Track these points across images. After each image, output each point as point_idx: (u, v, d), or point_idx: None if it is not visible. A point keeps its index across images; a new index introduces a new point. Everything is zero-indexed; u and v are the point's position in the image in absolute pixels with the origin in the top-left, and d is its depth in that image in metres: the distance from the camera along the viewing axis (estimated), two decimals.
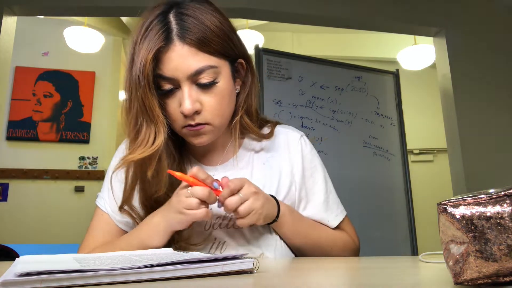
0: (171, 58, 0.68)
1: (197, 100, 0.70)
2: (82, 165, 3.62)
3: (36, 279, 0.39)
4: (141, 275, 0.43)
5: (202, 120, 0.71)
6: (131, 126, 0.71)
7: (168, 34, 0.68)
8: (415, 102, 4.03)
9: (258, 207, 0.69)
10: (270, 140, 0.85)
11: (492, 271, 0.33)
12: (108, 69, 3.81)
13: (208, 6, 0.72)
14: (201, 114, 0.71)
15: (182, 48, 0.68)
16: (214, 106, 0.72)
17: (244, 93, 0.80)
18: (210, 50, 0.70)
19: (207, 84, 0.70)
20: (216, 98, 0.72)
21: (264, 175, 0.82)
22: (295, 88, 2.51)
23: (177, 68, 0.68)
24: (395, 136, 2.76)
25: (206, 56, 0.69)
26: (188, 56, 0.68)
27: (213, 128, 0.74)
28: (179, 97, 0.70)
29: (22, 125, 3.56)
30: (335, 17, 2.49)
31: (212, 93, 0.71)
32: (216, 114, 0.73)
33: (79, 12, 2.54)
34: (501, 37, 2.52)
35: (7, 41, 2.30)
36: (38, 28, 3.72)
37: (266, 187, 0.80)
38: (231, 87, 0.75)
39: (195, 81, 0.70)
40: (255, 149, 0.84)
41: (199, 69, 0.69)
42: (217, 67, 0.71)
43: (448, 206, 0.36)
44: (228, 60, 0.74)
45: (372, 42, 4.06)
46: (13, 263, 0.52)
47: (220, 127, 0.75)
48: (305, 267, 0.59)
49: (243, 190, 0.68)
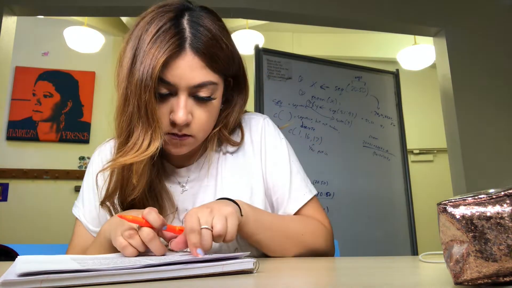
0: (179, 65, 0.67)
1: (190, 111, 0.71)
2: (82, 165, 3.62)
3: (36, 279, 0.39)
4: (141, 275, 0.43)
5: (189, 132, 0.72)
6: (124, 126, 0.69)
7: (181, 42, 0.67)
8: (415, 102, 4.03)
9: (218, 214, 0.60)
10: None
11: (492, 271, 0.33)
12: (108, 69, 3.81)
13: (216, 19, 0.73)
14: (189, 127, 0.71)
15: (192, 58, 0.68)
16: (203, 121, 0.72)
17: (227, 110, 0.81)
18: (216, 66, 0.71)
19: (204, 99, 0.71)
20: (208, 114, 0.73)
21: (232, 168, 0.82)
22: (295, 88, 2.51)
23: (181, 77, 0.68)
24: (395, 136, 2.76)
25: (210, 72, 0.70)
26: (196, 68, 0.68)
27: (195, 141, 0.74)
28: (172, 103, 0.70)
29: (22, 125, 3.56)
30: (335, 17, 2.49)
31: (206, 107, 0.72)
32: (202, 129, 0.74)
33: (79, 12, 2.54)
34: (501, 37, 2.52)
35: (7, 41, 2.30)
36: (38, 28, 3.72)
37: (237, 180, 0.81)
38: (219, 105, 0.76)
39: (193, 93, 0.70)
40: (223, 150, 0.85)
41: (202, 83, 0.69)
42: (216, 84, 0.72)
43: (448, 206, 0.36)
44: (223, 78, 0.75)
45: (372, 42, 4.06)
46: (13, 263, 0.52)
47: (201, 140, 0.77)
48: (305, 267, 0.59)
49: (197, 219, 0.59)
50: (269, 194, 0.83)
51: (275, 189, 0.82)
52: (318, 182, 2.44)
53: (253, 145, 0.85)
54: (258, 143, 0.85)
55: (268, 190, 0.83)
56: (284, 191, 0.82)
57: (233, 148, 0.84)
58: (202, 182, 0.82)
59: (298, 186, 0.83)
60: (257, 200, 0.80)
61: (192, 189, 0.82)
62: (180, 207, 0.80)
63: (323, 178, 2.46)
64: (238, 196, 0.76)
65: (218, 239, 0.58)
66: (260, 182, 0.82)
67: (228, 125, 0.82)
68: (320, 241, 0.79)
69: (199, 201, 0.80)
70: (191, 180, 0.82)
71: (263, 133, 0.86)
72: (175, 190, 0.82)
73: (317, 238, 0.79)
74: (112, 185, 0.73)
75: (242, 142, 0.84)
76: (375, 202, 2.56)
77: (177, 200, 0.80)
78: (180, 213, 0.80)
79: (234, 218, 0.60)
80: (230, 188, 0.81)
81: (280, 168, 0.83)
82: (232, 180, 0.81)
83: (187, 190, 0.81)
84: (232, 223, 0.59)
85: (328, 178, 2.47)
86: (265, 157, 0.84)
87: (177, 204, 0.80)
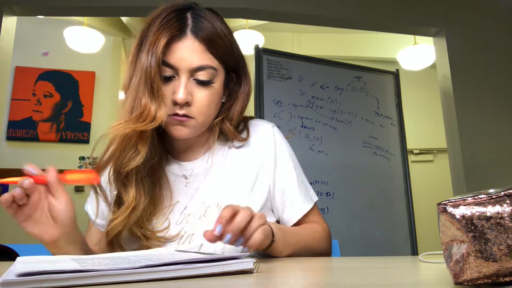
0: (180, 48, 0.73)
1: (191, 93, 0.75)
2: (82, 165, 3.62)
3: (36, 279, 0.39)
4: (141, 275, 0.43)
5: (189, 113, 0.75)
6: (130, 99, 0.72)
7: (183, 27, 0.74)
8: (415, 102, 4.03)
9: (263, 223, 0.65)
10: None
11: (492, 271, 0.33)
12: (108, 69, 3.81)
13: (219, 18, 0.80)
14: (190, 107, 0.75)
15: (193, 42, 0.74)
16: (202, 103, 0.76)
17: (229, 103, 0.85)
18: (215, 52, 0.76)
19: (204, 82, 0.75)
20: (208, 97, 0.77)
21: (236, 165, 0.85)
22: (295, 88, 2.51)
23: (182, 59, 0.73)
24: (395, 136, 2.76)
25: (210, 57, 0.75)
26: (196, 51, 0.74)
27: (196, 124, 0.77)
28: (174, 85, 0.75)
29: (22, 125, 3.56)
30: (335, 17, 2.49)
31: (206, 91, 0.76)
32: (203, 112, 0.77)
33: (79, 12, 2.54)
34: (501, 37, 2.52)
35: (7, 41, 2.30)
36: (38, 28, 3.72)
37: (239, 177, 0.83)
38: (220, 93, 0.80)
39: (193, 76, 0.75)
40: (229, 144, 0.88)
41: (201, 65, 0.74)
42: (216, 70, 0.76)
43: (448, 206, 0.36)
44: (224, 68, 0.80)
45: (372, 42, 4.06)
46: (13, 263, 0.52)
47: (202, 124, 0.79)
48: (305, 267, 0.60)
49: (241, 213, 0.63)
50: (273, 196, 0.86)
51: (281, 193, 0.86)
52: (318, 182, 2.44)
53: (261, 148, 0.87)
54: (267, 147, 0.87)
55: (273, 193, 0.86)
56: (289, 197, 0.86)
57: (239, 143, 0.87)
58: (206, 175, 0.84)
59: (303, 195, 0.87)
60: (255, 197, 0.83)
61: (196, 182, 0.83)
62: (182, 199, 0.81)
63: (323, 178, 2.46)
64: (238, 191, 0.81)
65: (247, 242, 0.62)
66: (262, 182, 0.84)
67: (231, 118, 0.84)
68: (324, 245, 0.86)
69: (202, 194, 0.82)
70: (196, 173, 0.84)
71: (273, 139, 0.88)
72: (179, 182, 0.83)
73: (322, 243, 0.86)
74: (109, 152, 0.73)
75: (248, 138, 0.87)
76: (375, 202, 2.56)
77: (179, 192, 0.82)
78: (180, 206, 0.81)
79: (264, 237, 0.64)
80: (232, 182, 0.83)
81: (287, 175, 0.87)
82: (235, 175, 0.84)
83: (190, 182, 0.83)
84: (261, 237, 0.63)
85: (328, 178, 2.47)
86: (274, 162, 0.86)
87: (179, 196, 0.82)
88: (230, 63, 0.80)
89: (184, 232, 0.78)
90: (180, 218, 0.80)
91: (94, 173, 0.71)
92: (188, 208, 0.80)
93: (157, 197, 0.79)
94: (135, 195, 0.75)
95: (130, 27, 3.84)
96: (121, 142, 0.71)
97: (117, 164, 0.74)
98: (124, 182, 0.75)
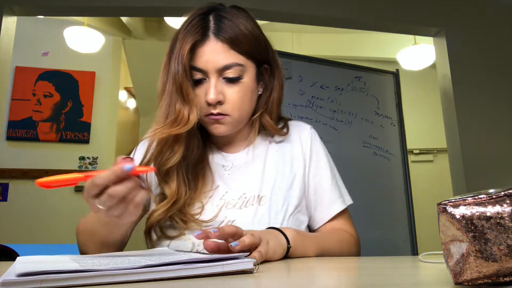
0: (204, 51, 0.77)
1: (221, 92, 0.79)
2: (82, 165, 3.62)
3: (36, 279, 0.39)
4: (141, 275, 0.43)
5: (223, 111, 0.79)
6: (165, 105, 0.77)
7: (205, 31, 0.78)
8: (415, 102, 4.03)
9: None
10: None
11: (492, 271, 0.33)
12: (108, 69, 3.81)
13: (243, 13, 0.83)
14: (223, 105, 0.79)
15: (215, 44, 0.77)
16: (235, 100, 0.80)
17: (265, 96, 0.88)
18: (240, 49, 0.78)
19: (232, 79, 0.79)
20: (239, 93, 0.80)
21: (277, 159, 0.89)
22: (295, 88, 2.51)
23: (208, 61, 0.77)
24: (395, 136, 2.76)
25: (235, 54, 0.78)
26: (220, 52, 0.77)
27: (232, 120, 0.81)
28: (206, 87, 0.79)
29: (22, 125, 3.56)
30: (335, 17, 2.49)
31: (236, 87, 0.79)
32: (237, 107, 0.80)
33: (79, 12, 2.54)
34: (501, 37, 2.52)
35: (7, 41, 2.30)
36: (38, 28, 3.72)
37: (280, 171, 0.87)
38: (253, 87, 0.83)
39: (222, 75, 0.78)
40: (270, 140, 0.92)
41: (227, 64, 0.78)
42: (243, 66, 0.79)
43: (448, 206, 0.36)
44: (254, 62, 0.82)
45: (372, 42, 4.06)
46: (13, 263, 0.52)
47: (239, 120, 0.83)
48: (305, 267, 0.59)
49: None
50: (308, 194, 0.89)
51: (314, 191, 0.89)
52: None
53: (300, 145, 0.91)
54: (305, 146, 0.91)
55: (308, 191, 0.89)
56: (322, 196, 0.89)
57: (279, 138, 0.91)
58: (247, 168, 0.88)
59: (337, 195, 0.90)
60: (293, 194, 0.85)
61: (237, 173, 0.87)
62: (223, 186, 0.85)
63: None
64: (278, 185, 0.85)
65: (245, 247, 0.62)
66: (300, 180, 0.87)
67: (270, 111, 0.88)
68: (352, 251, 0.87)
69: (242, 185, 0.85)
70: (237, 165, 0.88)
71: (311, 138, 0.92)
72: (221, 171, 0.88)
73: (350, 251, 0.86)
74: (148, 156, 0.79)
75: (288, 133, 0.91)
76: (375, 202, 2.56)
77: (221, 178, 0.86)
78: (221, 190, 0.84)
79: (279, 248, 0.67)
80: (272, 176, 0.86)
81: (322, 174, 0.90)
82: (275, 169, 0.87)
83: (231, 173, 0.87)
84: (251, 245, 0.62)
85: None
86: (310, 161, 0.90)
87: (220, 182, 0.86)
88: (259, 56, 0.83)
89: (225, 217, 0.81)
90: (220, 203, 0.83)
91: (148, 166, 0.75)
92: (228, 194, 0.84)
93: (199, 185, 0.83)
94: (176, 189, 0.79)
95: (130, 27, 3.84)
96: (158, 145, 0.77)
97: (156, 164, 0.79)
98: (165, 179, 0.80)
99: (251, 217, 0.81)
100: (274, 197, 0.83)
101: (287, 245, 0.70)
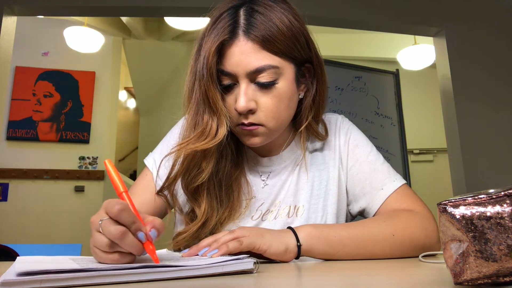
0: (233, 53, 0.66)
1: (253, 99, 0.68)
2: (82, 165, 3.62)
3: (36, 279, 0.39)
4: (141, 275, 0.43)
5: (256, 120, 0.69)
6: (192, 113, 0.69)
7: (234, 28, 0.67)
8: (415, 102, 4.03)
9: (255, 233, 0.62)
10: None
11: (492, 271, 0.33)
12: (108, 69, 3.81)
13: (281, 5, 0.70)
14: (256, 114, 0.69)
15: (245, 43, 0.66)
16: (270, 108, 0.69)
17: (309, 99, 0.76)
18: (274, 49, 0.67)
19: (266, 84, 0.68)
20: (274, 100, 0.69)
21: (313, 164, 0.82)
22: None
23: (237, 64, 0.66)
24: (395, 136, 2.76)
25: (269, 55, 0.67)
26: (250, 52, 0.66)
27: (267, 131, 0.71)
28: (236, 93, 0.68)
29: (22, 125, 3.56)
30: (335, 17, 2.49)
31: (271, 94, 0.68)
32: (272, 116, 0.69)
33: (79, 12, 2.54)
34: (501, 37, 2.52)
35: (7, 41, 2.30)
36: (38, 28, 3.72)
37: (316, 177, 0.80)
38: (292, 91, 0.71)
39: (254, 79, 0.68)
40: (307, 144, 0.84)
41: (259, 67, 0.66)
42: (278, 68, 0.68)
43: (448, 206, 0.36)
44: (293, 62, 0.71)
45: (372, 42, 4.06)
46: (13, 263, 0.52)
47: (275, 130, 0.72)
48: (305, 267, 0.59)
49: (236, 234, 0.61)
50: (353, 186, 0.81)
51: (360, 180, 0.80)
52: None
53: (337, 143, 0.83)
54: (342, 141, 0.84)
55: (351, 186, 0.81)
56: (369, 183, 0.80)
57: (320, 143, 0.83)
58: (283, 174, 0.80)
59: (384, 175, 0.80)
60: (332, 200, 0.79)
61: (273, 180, 0.80)
62: (259, 196, 0.79)
63: None
64: (315, 193, 0.78)
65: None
66: (335, 180, 0.80)
67: (316, 116, 0.78)
68: (416, 233, 0.71)
69: (278, 194, 0.79)
70: (272, 175, 0.81)
71: (346, 130, 0.85)
72: (257, 179, 0.80)
73: (412, 231, 0.70)
74: (175, 171, 0.71)
75: (327, 136, 0.83)
76: None
77: (257, 189, 0.79)
78: (257, 202, 0.78)
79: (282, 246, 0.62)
80: (309, 183, 0.80)
81: (365, 161, 0.81)
82: (312, 175, 0.80)
83: (267, 185, 0.80)
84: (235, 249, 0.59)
85: None
86: (349, 153, 0.82)
87: (256, 193, 0.79)
88: (298, 55, 0.71)
89: None
90: (256, 214, 0.77)
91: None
92: (264, 205, 0.78)
93: (233, 199, 0.76)
94: (206, 208, 0.72)
95: (130, 27, 3.84)
96: (183, 161, 0.69)
97: (183, 182, 0.72)
98: (194, 197, 0.73)
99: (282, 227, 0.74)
100: (312, 207, 0.78)
101: (297, 243, 0.63)
